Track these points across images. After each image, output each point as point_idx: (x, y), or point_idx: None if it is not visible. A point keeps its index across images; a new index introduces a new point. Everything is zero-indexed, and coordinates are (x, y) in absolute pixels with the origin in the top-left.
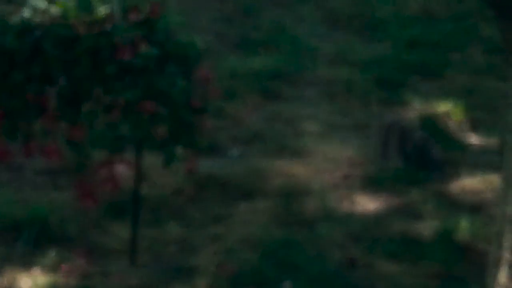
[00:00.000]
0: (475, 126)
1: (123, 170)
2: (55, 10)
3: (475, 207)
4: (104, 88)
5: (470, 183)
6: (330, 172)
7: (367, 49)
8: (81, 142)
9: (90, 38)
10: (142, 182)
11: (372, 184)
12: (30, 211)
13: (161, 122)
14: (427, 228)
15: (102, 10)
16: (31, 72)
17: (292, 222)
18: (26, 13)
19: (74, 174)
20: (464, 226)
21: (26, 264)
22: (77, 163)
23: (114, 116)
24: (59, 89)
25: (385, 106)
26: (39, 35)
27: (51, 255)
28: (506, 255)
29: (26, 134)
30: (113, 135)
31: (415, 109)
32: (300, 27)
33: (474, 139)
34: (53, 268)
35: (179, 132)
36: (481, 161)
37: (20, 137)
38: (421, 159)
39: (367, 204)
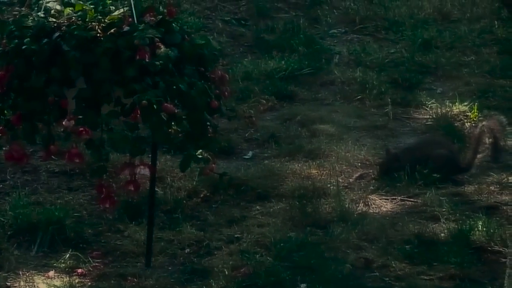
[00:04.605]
0: None
1: (143, 172)
2: (70, 11)
3: (491, 209)
4: (124, 90)
5: (486, 184)
6: (345, 173)
7: (382, 50)
8: (101, 145)
9: (109, 40)
10: (157, 184)
11: (387, 186)
12: (45, 213)
13: (180, 123)
14: (442, 229)
15: (118, 11)
16: (50, 74)
17: (307, 224)
18: (41, 14)
19: (90, 176)
20: (480, 228)
21: (42, 266)
22: (97, 166)
23: (134, 118)
24: (79, 92)
25: (399, 107)
26: (57, 37)
27: (67, 257)
28: None
29: (46, 137)
30: (133, 137)
31: (430, 110)
32: (314, 29)
33: (489, 140)
34: (68, 271)
35: (198, 133)
36: (496, 164)
37: (39, 140)
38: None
39: (382, 205)
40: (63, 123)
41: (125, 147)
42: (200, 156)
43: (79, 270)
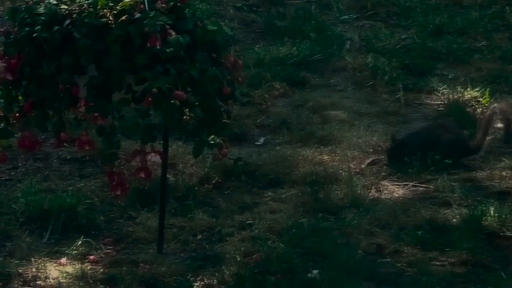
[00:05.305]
0: None
1: (155, 159)
2: None
3: (503, 194)
4: (135, 78)
5: (498, 170)
6: (356, 159)
7: (393, 36)
8: (112, 132)
9: (120, 27)
10: (169, 171)
11: (399, 172)
12: (57, 200)
13: (192, 110)
14: (454, 215)
15: None
16: (61, 62)
17: (319, 210)
18: (53, 1)
19: (101, 163)
20: (491, 213)
21: (54, 253)
22: (109, 152)
23: (145, 105)
24: (90, 79)
25: (411, 93)
26: (68, 24)
27: (79, 244)
28: None
29: (57, 125)
30: (145, 124)
31: (441, 96)
32: (325, 15)
33: (501, 125)
34: (80, 258)
35: (210, 120)
36: (508, 147)
37: (50, 127)
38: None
39: (394, 191)
40: (79, 109)
41: (136, 134)
42: (212, 142)
43: (91, 257)
